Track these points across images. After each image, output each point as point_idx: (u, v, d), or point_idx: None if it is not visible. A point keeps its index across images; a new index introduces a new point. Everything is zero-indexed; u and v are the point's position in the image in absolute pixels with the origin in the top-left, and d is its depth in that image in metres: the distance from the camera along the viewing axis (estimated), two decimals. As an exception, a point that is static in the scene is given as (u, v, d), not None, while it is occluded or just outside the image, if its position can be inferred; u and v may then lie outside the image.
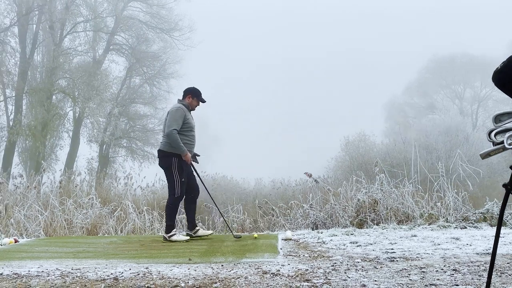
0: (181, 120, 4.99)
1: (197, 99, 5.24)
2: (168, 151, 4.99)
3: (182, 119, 4.99)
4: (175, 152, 4.96)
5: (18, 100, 18.88)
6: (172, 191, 5.00)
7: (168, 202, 5.08)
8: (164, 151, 5.03)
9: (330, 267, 3.29)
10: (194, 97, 5.22)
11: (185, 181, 5.05)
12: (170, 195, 5.04)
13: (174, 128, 4.92)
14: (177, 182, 4.97)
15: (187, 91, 5.26)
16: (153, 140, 24.19)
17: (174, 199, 5.02)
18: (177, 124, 4.95)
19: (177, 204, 5.15)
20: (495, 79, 2.02)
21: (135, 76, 24.57)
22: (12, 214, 7.01)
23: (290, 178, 15.32)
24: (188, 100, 5.20)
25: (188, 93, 5.24)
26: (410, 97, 37.65)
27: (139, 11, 23.69)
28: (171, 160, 4.97)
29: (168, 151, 4.99)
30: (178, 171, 4.98)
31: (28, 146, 19.43)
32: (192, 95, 5.22)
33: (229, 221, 7.59)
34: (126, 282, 2.88)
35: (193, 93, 5.23)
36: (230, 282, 2.83)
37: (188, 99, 5.21)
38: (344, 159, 20.16)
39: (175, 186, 4.97)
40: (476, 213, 6.32)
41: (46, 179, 10.61)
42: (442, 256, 3.68)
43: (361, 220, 6.45)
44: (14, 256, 4.10)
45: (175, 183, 4.97)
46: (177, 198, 5.03)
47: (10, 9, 18.88)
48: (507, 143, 2.09)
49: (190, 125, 5.09)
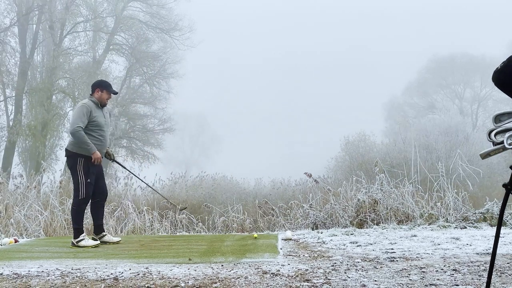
0: (86, 117, 4.66)
1: (107, 91, 4.90)
2: (73, 150, 4.69)
3: (87, 116, 4.66)
4: (80, 152, 4.67)
5: (18, 100, 18.87)
6: (77, 192, 4.69)
7: (73, 204, 4.76)
8: (69, 151, 4.72)
9: (330, 267, 3.29)
10: (103, 89, 4.88)
11: (92, 183, 4.75)
12: (75, 197, 4.72)
13: (79, 125, 4.60)
14: (81, 184, 4.67)
15: (94, 85, 4.94)
16: (153, 140, 24.21)
17: (78, 201, 4.70)
18: (82, 121, 4.63)
19: (82, 206, 4.77)
20: (495, 79, 2.02)
21: (135, 76, 24.58)
22: (12, 214, 7.02)
23: (290, 178, 15.32)
24: (97, 94, 4.87)
25: (96, 86, 4.91)
26: (410, 97, 37.64)
27: (139, 11, 23.70)
28: (77, 160, 4.67)
29: (73, 150, 4.69)
30: (83, 171, 4.67)
31: (28, 146, 19.43)
32: (101, 88, 4.89)
33: (229, 221, 7.60)
34: (126, 282, 2.88)
35: (101, 86, 4.91)
36: (230, 282, 2.83)
37: (96, 93, 4.87)
38: (344, 159, 20.13)
39: (79, 188, 4.67)
40: (476, 213, 6.32)
41: (46, 179, 10.64)
42: (442, 256, 3.68)
43: (361, 220, 6.45)
44: (14, 256, 4.10)
45: (80, 185, 4.67)
46: (81, 200, 4.70)
47: (10, 9, 18.90)
48: (507, 143, 2.09)
49: (97, 122, 4.76)
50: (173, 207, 6.72)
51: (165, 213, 7.79)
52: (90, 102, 4.81)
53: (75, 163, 4.68)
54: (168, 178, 15.07)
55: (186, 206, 5.15)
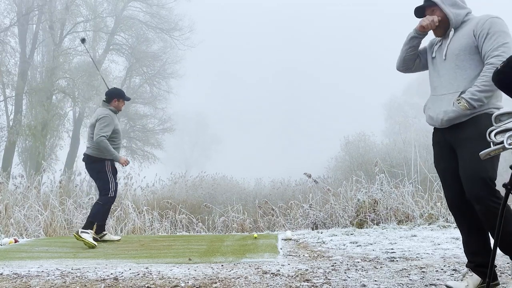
0: (111, 128, 4.94)
1: (123, 99, 5.20)
2: (99, 156, 4.93)
3: (111, 127, 4.94)
4: (106, 157, 4.93)
5: (18, 100, 18.85)
6: (106, 191, 4.91)
7: (100, 200, 4.93)
8: (94, 156, 4.95)
9: (330, 267, 3.29)
10: (120, 98, 5.15)
11: (118, 183, 5.10)
12: (104, 195, 4.92)
13: (104, 136, 4.85)
14: (111, 183, 4.93)
15: (111, 94, 5.16)
16: (153, 140, 24.21)
17: (108, 198, 4.93)
18: (108, 131, 4.89)
19: (110, 204, 5.06)
20: (495, 79, 2.03)
21: (135, 76, 24.59)
22: (12, 214, 7.01)
23: (290, 178, 15.33)
24: (115, 103, 5.14)
25: (114, 96, 5.15)
26: (410, 97, 37.66)
27: (139, 11, 23.70)
28: (104, 163, 4.94)
29: (99, 156, 4.93)
30: (112, 172, 4.98)
31: (28, 146, 19.41)
32: (118, 97, 5.15)
33: (229, 221, 7.59)
34: (126, 282, 2.88)
35: (119, 95, 5.16)
36: (230, 282, 2.83)
37: (114, 102, 5.13)
38: (344, 159, 20.14)
39: (109, 187, 4.91)
40: (476, 213, 6.31)
41: (46, 179, 10.63)
42: (442, 256, 3.68)
43: (361, 220, 6.44)
44: (14, 256, 4.10)
45: (110, 184, 4.92)
46: (111, 198, 4.96)
47: (10, 9, 18.87)
48: (507, 143, 2.08)
49: (117, 130, 5.05)
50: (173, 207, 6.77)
51: (165, 213, 7.79)
52: (111, 112, 5.06)
53: (103, 166, 4.95)
54: (168, 178, 15.08)
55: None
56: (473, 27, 2.44)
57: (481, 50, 2.39)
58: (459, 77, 2.46)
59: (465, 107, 2.38)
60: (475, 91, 2.34)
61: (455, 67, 2.48)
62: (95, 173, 5.03)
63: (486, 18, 2.41)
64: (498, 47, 2.31)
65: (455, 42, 2.51)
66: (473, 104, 2.35)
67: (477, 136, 2.35)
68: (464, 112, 2.39)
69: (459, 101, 2.40)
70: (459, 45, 2.47)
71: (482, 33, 2.37)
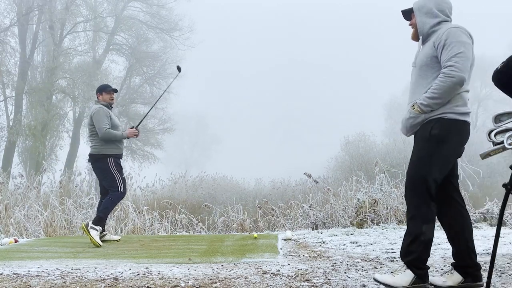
0: (108, 118, 4.96)
1: (105, 92, 5.16)
2: (101, 153, 4.94)
3: (108, 118, 4.97)
4: (107, 152, 4.95)
5: (18, 100, 18.86)
6: (115, 188, 4.92)
7: (110, 197, 4.93)
8: (97, 154, 4.96)
9: (330, 267, 3.29)
10: (102, 92, 5.15)
11: (125, 178, 5.10)
12: (114, 191, 4.93)
13: (105, 127, 4.89)
14: (118, 180, 4.93)
15: (96, 91, 5.24)
16: (153, 140, 24.19)
17: (118, 194, 4.94)
18: (106, 122, 4.92)
19: (120, 199, 5.10)
20: (495, 79, 2.03)
21: (135, 76, 24.57)
22: (12, 214, 7.01)
23: (290, 178, 15.31)
24: (101, 98, 5.14)
25: (96, 92, 5.21)
26: (410, 97, 37.66)
27: (139, 11, 23.70)
28: (107, 161, 4.94)
29: (101, 153, 4.94)
30: (116, 169, 4.96)
31: (28, 146, 19.41)
32: (100, 91, 5.16)
33: (229, 221, 7.59)
34: (126, 282, 2.88)
35: (100, 90, 5.17)
36: (230, 282, 2.83)
37: (99, 97, 5.15)
38: (344, 159, 20.15)
39: (117, 184, 4.92)
40: (476, 213, 6.32)
41: (46, 179, 10.62)
42: (442, 256, 3.68)
43: (361, 220, 6.45)
44: (14, 256, 4.10)
45: (117, 181, 4.92)
46: (121, 194, 4.98)
47: (10, 9, 18.87)
48: (507, 143, 2.09)
49: (115, 124, 5.08)
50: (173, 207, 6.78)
51: (165, 213, 7.80)
52: (102, 106, 5.08)
53: (106, 164, 4.94)
54: (168, 178, 15.08)
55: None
56: (435, 38, 2.54)
57: (440, 60, 2.48)
58: (420, 86, 2.57)
59: (418, 111, 2.50)
60: (425, 97, 2.46)
61: (419, 76, 2.60)
62: (100, 173, 5.04)
63: (445, 29, 2.51)
64: (451, 57, 2.40)
65: (423, 51, 2.62)
66: (423, 109, 2.47)
67: (423, 138, 2.51)
68: (419, 115, 2.51)
69: (414, 107, 2.53)
70: (425, 55, 2.58)
71: (440, 44, 2.47)
